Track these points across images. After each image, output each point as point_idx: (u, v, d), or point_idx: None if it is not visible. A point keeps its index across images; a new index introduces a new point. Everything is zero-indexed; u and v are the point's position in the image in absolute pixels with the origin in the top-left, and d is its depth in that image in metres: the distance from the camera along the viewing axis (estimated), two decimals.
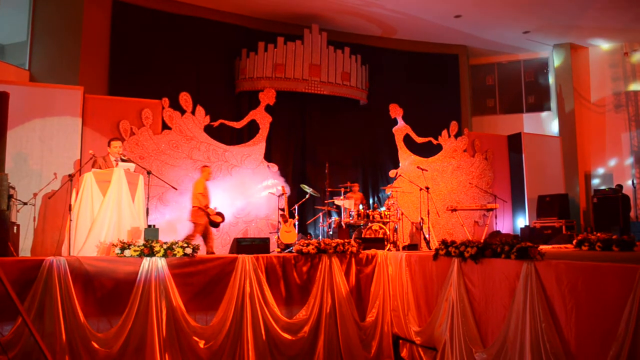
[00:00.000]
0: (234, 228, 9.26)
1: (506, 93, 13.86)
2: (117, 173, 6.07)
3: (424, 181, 9.60)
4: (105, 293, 5.18)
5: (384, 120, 11.25)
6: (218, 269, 5.74)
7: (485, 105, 13.97)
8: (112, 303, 5.19)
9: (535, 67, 13.73)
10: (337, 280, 6.27)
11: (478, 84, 13.92)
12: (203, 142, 9.36)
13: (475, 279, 4.74)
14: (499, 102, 13.86)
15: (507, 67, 13.89)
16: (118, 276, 5.24)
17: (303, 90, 10.67)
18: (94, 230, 5.80)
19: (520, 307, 3.96)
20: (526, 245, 4.12)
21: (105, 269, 5.22)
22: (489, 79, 13.98)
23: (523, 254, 4.10)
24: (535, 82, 13.71)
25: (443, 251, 5.29)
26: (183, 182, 8.82)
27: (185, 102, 9.28)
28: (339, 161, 10.96)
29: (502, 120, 13.58)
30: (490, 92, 13.95)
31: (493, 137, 12.40)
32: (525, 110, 13.66)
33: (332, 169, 9.79)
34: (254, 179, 9.58)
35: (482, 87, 13.96)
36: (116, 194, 5.98)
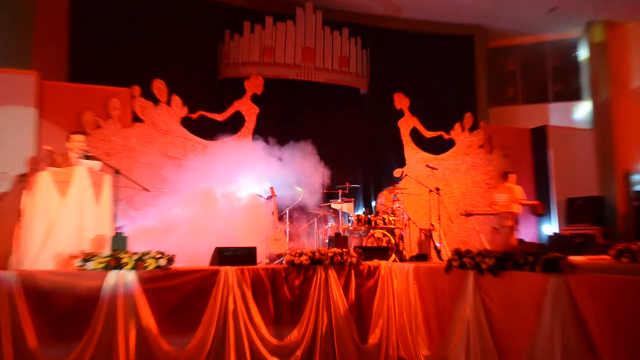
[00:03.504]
0: (214, 236, 9.18)
1: (529, 80, 13.85)
2: (79, 172, 6.00)
3: (433, 181, 9.59)
4: (62, 313, 5.10)
5: (388, 111, 11.23)
6: (197, 283, 5.70)
7: (505, 94, 13.96)
8: (71, 325, 5.10)
9: (564, 49, 13.72)
10: (335, 295, 6.25)
11: (496, 70, 13.91)
12: (180, 137, 9.32)
13: (494, 294, 4.71)
14: (521, 91, 13.85)
15: (531, 49, 13.88)
16: (79, 292, 5.16)
17: (295, 77, 10.64)
18: (51, 239, 5.71)
19: (548, 329, 3.92)
20: (554, 255, 4.09)
21: (63, 284, 5.14)
22: (509, 63, 13.97)
23: (551, 266, 4.06)
24: (563, 67, 13.70)
25: (456, 262, 5.26)
26: (156, 182, 8.77)
27: (159, 91, 9.23)
28: (336, 159, 10.91)
29: (524, 112, 13.58)
30: (510, 79, 13.95)
31: (514, 130, 12.39)
32: (552, 99, 13.66)
33: (329, 168, 9.74)
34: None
35: (502, 73, 13.96)
36: (77, 196, 5.91)
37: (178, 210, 8.99)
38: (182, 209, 8.98)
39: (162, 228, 8.54)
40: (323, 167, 9.48)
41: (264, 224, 8.65)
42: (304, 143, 10.32)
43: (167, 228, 8.63)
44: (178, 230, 8.55)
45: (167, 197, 9.11)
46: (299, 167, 10.30)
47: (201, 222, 8.70)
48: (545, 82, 13.77)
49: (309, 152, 10.69)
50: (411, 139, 11.35)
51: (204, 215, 8.89)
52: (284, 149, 9.99)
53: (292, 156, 10.00)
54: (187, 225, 8.63)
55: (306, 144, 10.37)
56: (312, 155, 10.54)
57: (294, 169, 10.27)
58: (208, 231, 8.79)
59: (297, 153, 10.26)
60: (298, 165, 10.38)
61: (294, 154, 10.02)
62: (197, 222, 8.70)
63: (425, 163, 10.19)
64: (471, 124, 11.75)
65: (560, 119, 13.22)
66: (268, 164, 9.80)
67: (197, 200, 9.13)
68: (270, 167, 9.82)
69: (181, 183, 9.24)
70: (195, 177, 9.23)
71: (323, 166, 9.49)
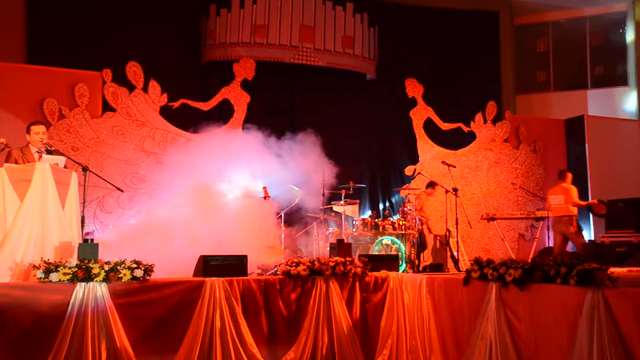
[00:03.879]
0: (200, 243, 9.19)
1: (564, 62, 13.84)
2: (41, 169, 5.99)
3: (451, 181, 9.56)
4: (21, 333, 5.08)
5: (399, 100, 11.24)
6: (178, 297, 5.70)
7: (535, 79, 13.97)
8: (32, 347, 5.09)
9: (606, 26, 13.69)
10: (337, 311, 6.25)
11: (525, 51, 13.92)
12: (159, 129, 9.33)
13: (520, 311, 4.70)
14: (554, 75, 13.86)
15: (567, 27, 13.87)
16: (41, 309, 5.15)
17: (291, 60, 10.64)
18: (7, 247, 5.70)
19: (585, 352, 3.91)
20: (591, 267, 4.08)
21: (22, 299, 5.13)
22: (540, 43, 13.97)
23: (587, 279, 4.05)
24: (605, 47, 13.68)
25: (477, 273, 5.26)
26: (131, 181, 8.78)
27: (135, 75, 9.24)
28: (340, 154, 10.89)
29: (557, 99, 13.58)
30: (542, 62, 13.95)
31: (545, 121, 12.39)
32: (591, 85, 13.66)
33: (330, 165, 9.73)
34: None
35: (531, 55, 13.97)
36: (39, 197, 5.90)
37: (157, 213, 8.98)
38: (162, 211, 8.96)
39: (138, 234, 8.52)
40: (324, 164, 9.46)
41: (256, 229, 8.65)
42: (302, 136, 10.31)
43: (145, 233, 8.59)
44: (157, 236, 8.51)
45: (144, 198, 9.13)
46: (296, 163, 10.29)
47: (184, 227, 8.66)
48: (583, 65, 13.77)
49: (307, 147, 10.68)
50: (425, 132, 11.35)
51: (187, 219, 8.86)
52: (279, 143, 9.98)
53: (288, 151, 10.00)
54: (168, 231, 8.62)
55: (305, 138, 10.37)
56: (311, 151, 10.54)
57: (291, 165, 10.27)
58: (192, 237, 8.76)
59: (294, 148, 10.26)
60: (295, 162, 10.38)
61: (291, 149, 10.03)
62: (179, 226, 8.66)
63: (442, 159, 10.16)
64: (495, 114, 11.75)
65: (601, 108, 13.21)
66: (261, 160, 9.78)
67: (178, 202, 9.11)
68: (263, 164, 9.81)
69: (160, 182, 9.22)
70: (176, 175, 9.18)
71: (324, 163, 9.47)
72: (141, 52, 9.81)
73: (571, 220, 9.57)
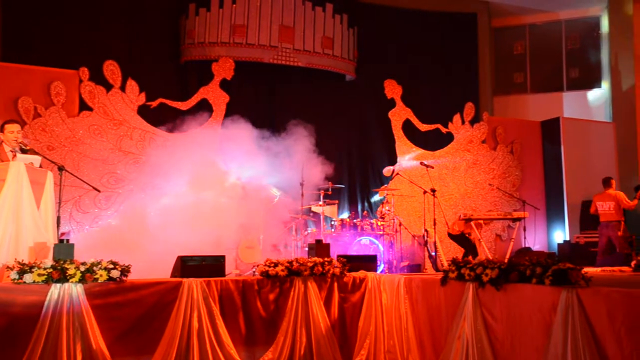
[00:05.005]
0: (177, 242, 9.13)
1: (541, 65, 13.98)
2: (15, 169, 5.92)
3: (429, 181, 9.63)
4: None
5: (378, 101, 11.27)
6: (156, 298, 5.68)
7: (512, 81, 14.09)
8: (5, 348, 5.01)
9: (581, 30, 13.86)
10: (315, 311, 6.27)
11: (503, 53, 14.04)
12: (137, 129, 9.26)
13: (496, 311, 4.73)
14: (531, 77, 13.99)
15: (543, 29, 14.02)
16: (14, 310, 5.08)
17: (271, 60, 10.62)
18: None
19: (559, 350, 3.94)
20: (566, 266, 4.11)
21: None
22: (517, 46, 14.10)
23: (561, 279, 4.08)
24: (580, 50, 13.85)
25: (454, 274, 5.29)
26: (108, 181, 8.71)
27: (112, 74, 9.16)
28: (318, 155, 10.90)
29: (534, 101, 13.71)
30: (519, 64, 14.08)
31: (522, 123, 12.50)
32: (567, 87, 13.82)
33: (308, 166, 9.73)
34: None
35: (509, 57, 14.09)
36: (13, 197, 5.82)
37: (134, 213, 8.92)
38: (139, 211, 8.91)
39: (115, 234, 8.47)
40: (303, 165, 9.45)
41: (234, 229, 8.62)
42: (281, 137, 10.31)
43: (121, 234, 8.55)
44: (134, 236, 8.47)
45: (121, 198, 9.06)
46: (274, 164, 10.29)
47: (161, 227, 8.62)
48: (559, 67, 13.92)
49: (285, 148, 10.69)
50: (404, 133, 11.38)
51: (165, 219, 8.82)
52: (257, 144, 9.95)
53: (267, 152, 9.99)
54: (145, 231, 8.56)
55: (283, 139, 10.36)
56: (289, 151, 10.53)
57: (269, 166, 10.26)
58: (169, 237, 8.72)
59: (272, 148, 10.25)
60: (273, 162, 10.38)
61: (269, 150, 10.01)
62: (156, 226, 8.64)
63: (420, 160, 10.21)
64: (473, 115, 11.82)
65: (576, 109, 13.38)
66: (239, 160, 9.77)
67: (156, 202, 9.07)
68: (242, 164, 9.79)
69: (138, 182, 9.19)
70: (154, 175, 9.16)
71: (303, 163, 9.46)
72: (119, 51, 9.71)
73: (619, 225, 9.97)
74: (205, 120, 9.88)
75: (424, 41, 12.46)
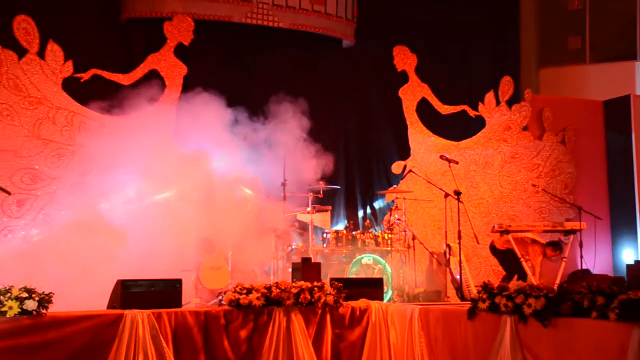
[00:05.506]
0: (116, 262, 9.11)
1: (605, 25, 13.98)
2: None
3: (452, 181, 9.61)
4: None
5: (385, 74, 11.27)
6: (87, 338, 5.68)
7: (566, 47, 14.13)
8: None
9: None
10: (301, 353, 6.30)
11: (554, 10, 14.05)
12: (61, 109, 9.25)
13: (543, 353, 4.75)
14: (591, 42, 14.00)
15: None
16: None
17: (243, 20, 10.62)
18: None
19: None
20: (638, 296, 4.11)
21: None
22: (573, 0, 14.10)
23: (632, 312, 4.09)
24: None
25: (485, 303, 5.33)
26: (22, 179, 8.69)
27: (26, 35, 9.12)
28: (307, 145, 10.88)
29: (595, 74, 13.76)
30: (575, 24, 14.10)
31: (578, 103, 12.56)
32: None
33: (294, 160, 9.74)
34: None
35: (562, 13, 14.10)
36: None
37: (58, 223, 8.88)
38: (65, 220, 8.88)
39: (31, 251, 8.44)
40: (285, 159, 9.46)
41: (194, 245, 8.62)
42: (256, 122, 10.31)
43: (40, 251, 8.53)
44: (58, 253, 8.44)
45: (41, 202, 9.01)
46: (247, 157, 10.29)
47: (95, 241, 8.60)
48: (630, 27, 13.90)
49: (262, 136, 10.70)
50: (419, 117, 11.39)
51: (100, 230, 8.80)
52: (224, 130, 9.96)
53: (237, 141, 9.99)
54: (73, 246, 8.53)
55: (258, 124, 10.37)
56: (267, 141, 10.54)
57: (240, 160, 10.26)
58: (106, 255, 8.73)
59: (245, 136, 10.25)
60: (246, 155, 10.37)
61: (240, 138, 10.02)
62: (88, 240, 8.60)
63: (440, 153, 10.21)
64: (511, 93, 11.86)
65: None
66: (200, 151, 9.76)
67: (88, 207, 9.02)
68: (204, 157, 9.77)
69: (63, 181, 9.15)
70: (85, 171, 9.13)
71: (286, 157, 9.47)
72: (36, 3, 9.63)
73: None
74: (155, 98, 9.85)
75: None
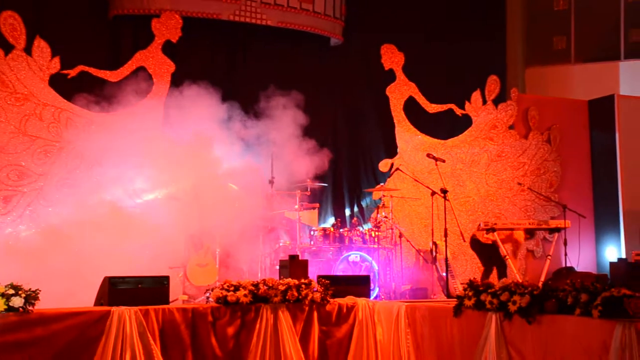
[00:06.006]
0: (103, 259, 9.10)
1: (590, 25, 14.03)
2: None
3: (439, 179, 9.63)
4: None
5: (372, 72, 11.30)
6: (73, 335, 5.67)
7: (551, 47, 14.18)
8: None
9: None
10: (288, 350, 6.30)
11: (539, 10, 14.09)
12: (48, 105, 9.23)
13: (527, 350, 4.77)
14: (576, 42, 14.05)
15: None
16: None
17: (231, 18, 10.60)
18: None
19: None
20: (621, 293, 4.14)
21: None
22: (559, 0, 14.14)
23: (615, 310, 4.11)
24: None
25: (471, 301, 5.35)
26: (9, 176, 8.72)
27: (13, 31, 9.11)
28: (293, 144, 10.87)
29: (580, 74, 13.81)
30: (560, 25, 14.16)
31: (563, 103, 12.60)
32: (625, 55, 13.88)
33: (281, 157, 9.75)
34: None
35: (547, 14, 14.14)
36: None
37: (45, 219, 8.86)
38: (52, 217, 8.87)
39: (18, 248, 8.42)
40: (272, 156, 9.46)
41: (181, 242, 8.62)
42: (243, 120, 10.31)
43: (27, 248, 8.50)
44: (45, 250, 8.42)
45: (27, 198, 8.99)
46: (234, 154, 10.30)
47: (82, 238, 8.60)
48: (615, 28, 13.96)
49: (250, 133, 10.71)
50: (406, 115, 11.41)
51: (87, 227, 8.79)
52: (212, 127, 9.95)
53: (225, 138, 9.99)
54: (60, 243, 8.51)
55: (246, 121, 10.37)
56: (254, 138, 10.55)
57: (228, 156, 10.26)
58: (93, 252, 8.72)
59: (232, 134, 10.25)
60: (234, 152, 10.38)
61: (227, 135, 10.02)
62: (75, 237, 8.60)
63: (427, 151, 10.24)
64: (497, 92, 11.90)
65: (637, 84, 13.41)
66: (187, 149, 9.75)
67: (76, 204, 9.01)
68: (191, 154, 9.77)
69: (50, 177, 9.13)
70: (72, 169, 9.11)
71: (273, 154, 9.47)
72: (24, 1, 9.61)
73: None
74: (143, 95, 9.84)
75: None
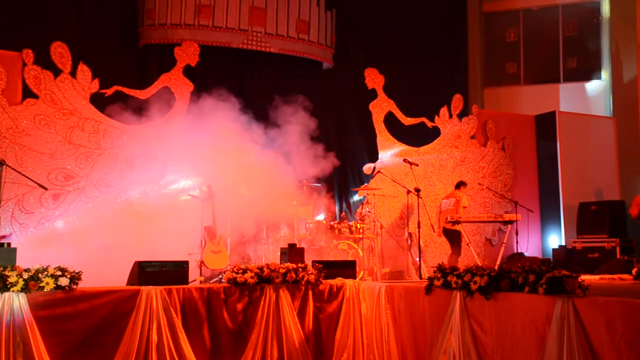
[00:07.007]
0: (134, 247, 9.07)
1: (535, 54, 14.11)
2: None
3: (413, 180, 9.66)
4: None
5: (358, 92, 11.27)
6: (110, 309, 5.65)
7: (504, 71, 14.22)
8: None
9: (580, 16, 14.00)
10: (287, 322, 6.30)
11: (495, 41, 14.13)
12: (89, 119, 9.17)
13: (486, 322, 4.78)
14: (524, 67, 14.12)
15: (538, 15, 14.14)
16: None
17: (240, 45, 10.60)
18: None
19: None
20: (561, 274, 4.15)
21: None
22: (510, 33, 14.23)
23: (556, 287, 4.12)
24: (579, 38, 13.99)
25: (440, 281, 5.34)
26: (56, 178, 8.62)
27: (61, 58, 9.03)
28: (292, 151, 10.87)
29: (528, 94, 13.86)
30: (512, 53, 14.20)
31: (514, 117, 12.61)
32: (564, 78, 13.96)
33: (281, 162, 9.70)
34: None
35: (501, 45, 14.20)
36: None
37: (86, 213, 8.83)
38: (92, 212, 8.83)
39: (64, 237, 8.39)
40: (274, 161, 9.44)
41: (199, 232, 8.59)
42: (251, 130, 10.27)
43: (72, 237, 8.48)
44: (86, 239, 8.41)
45: (72, 196, 8.94)
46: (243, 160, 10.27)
47: (117, 229, 8.58)
48: (555, 56, 14.05)
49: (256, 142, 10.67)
50: (386, 127, 11.40)
51: (121, 221, 8.79)
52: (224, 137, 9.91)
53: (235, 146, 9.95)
54: (98, 233, 8.50)
55: (253, 132, 10.33)
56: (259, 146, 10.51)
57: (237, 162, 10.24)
58: (126, 241, 8.70)
59: (241, 142, 10.22)
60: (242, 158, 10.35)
61: (237, 144, 9.98)
62: (111, 229, 8.58)
63: (403, 157, 10.25)
64: (461, 108, 11.88)
65: (573, 102, 13.52)
66: (205, 155, 9.72)
67: (111, 201, 8.99)
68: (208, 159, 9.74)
69: (90, 179, 9.09)
70: (108, 171, 9.08)
71: (275, 159, 9.45)
72: (69, 31, 9.54)
73: None
74: (166, 110, 9.80)
75: (409, 26, 12.49)
